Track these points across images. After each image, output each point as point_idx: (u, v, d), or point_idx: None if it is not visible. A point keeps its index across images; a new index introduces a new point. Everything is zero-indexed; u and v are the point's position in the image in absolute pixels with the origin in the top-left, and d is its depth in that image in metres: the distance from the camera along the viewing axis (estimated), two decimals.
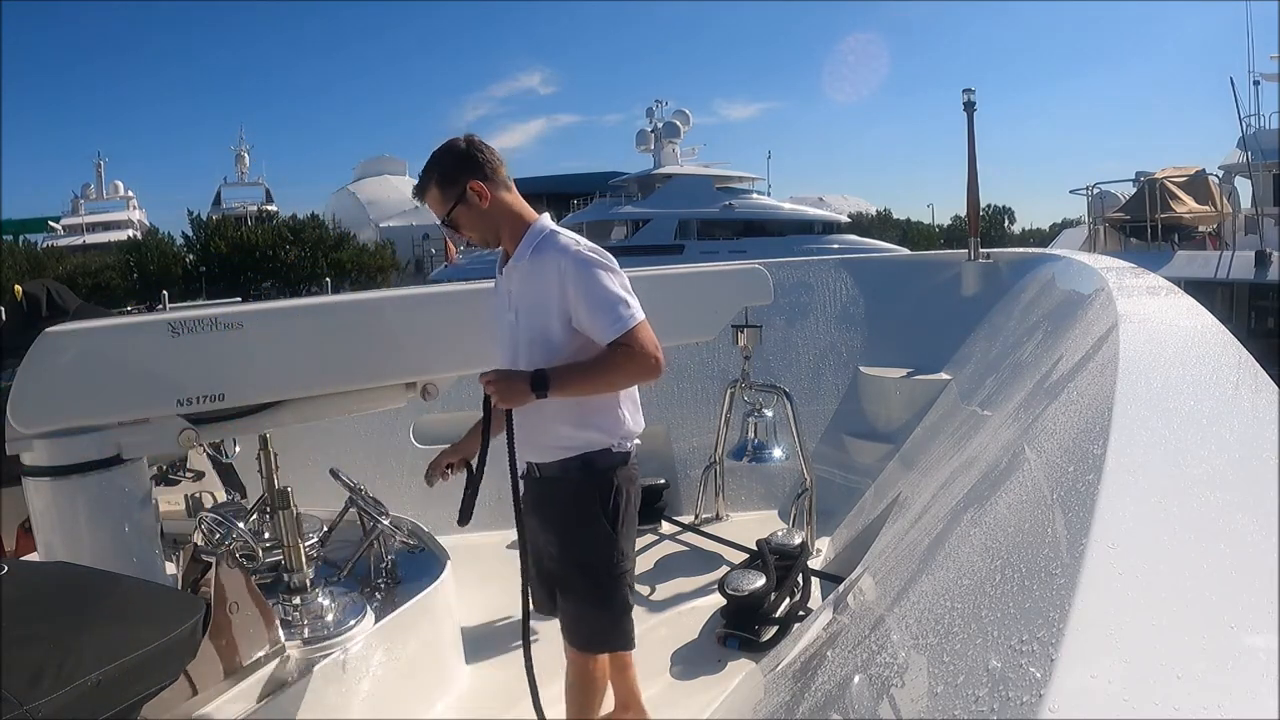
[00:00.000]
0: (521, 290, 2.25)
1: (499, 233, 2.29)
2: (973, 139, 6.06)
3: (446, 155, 2.24)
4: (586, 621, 2.35)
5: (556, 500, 2.29)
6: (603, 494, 2.25)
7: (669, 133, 42.94)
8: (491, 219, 2.26)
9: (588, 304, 2.13)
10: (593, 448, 2.25)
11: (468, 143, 2.26)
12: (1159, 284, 3.49)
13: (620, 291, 2.16)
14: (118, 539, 2.42)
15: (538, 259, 2.21)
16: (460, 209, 2.24)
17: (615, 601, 2.31)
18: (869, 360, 5.45)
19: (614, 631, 2.34)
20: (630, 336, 2.11)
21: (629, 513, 2.31)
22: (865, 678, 1.26)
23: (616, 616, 2.33)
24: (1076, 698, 0.70)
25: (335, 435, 4.44)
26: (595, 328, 2.13)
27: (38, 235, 51.51)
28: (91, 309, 4.05)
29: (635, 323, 2.13)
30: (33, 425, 2.30)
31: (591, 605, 2.32)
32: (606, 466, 2.27)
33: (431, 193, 2.26)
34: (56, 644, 1.45)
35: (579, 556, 2.29)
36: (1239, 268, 15.95)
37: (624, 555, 2.30)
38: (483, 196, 2.22)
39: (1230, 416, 1.41)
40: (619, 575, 2.29)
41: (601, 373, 2.15)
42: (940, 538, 1.68)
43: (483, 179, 2.23)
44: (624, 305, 2.14)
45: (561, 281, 2.14)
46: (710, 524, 4.60)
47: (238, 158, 63.10)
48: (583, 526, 2.26)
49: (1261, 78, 22.33)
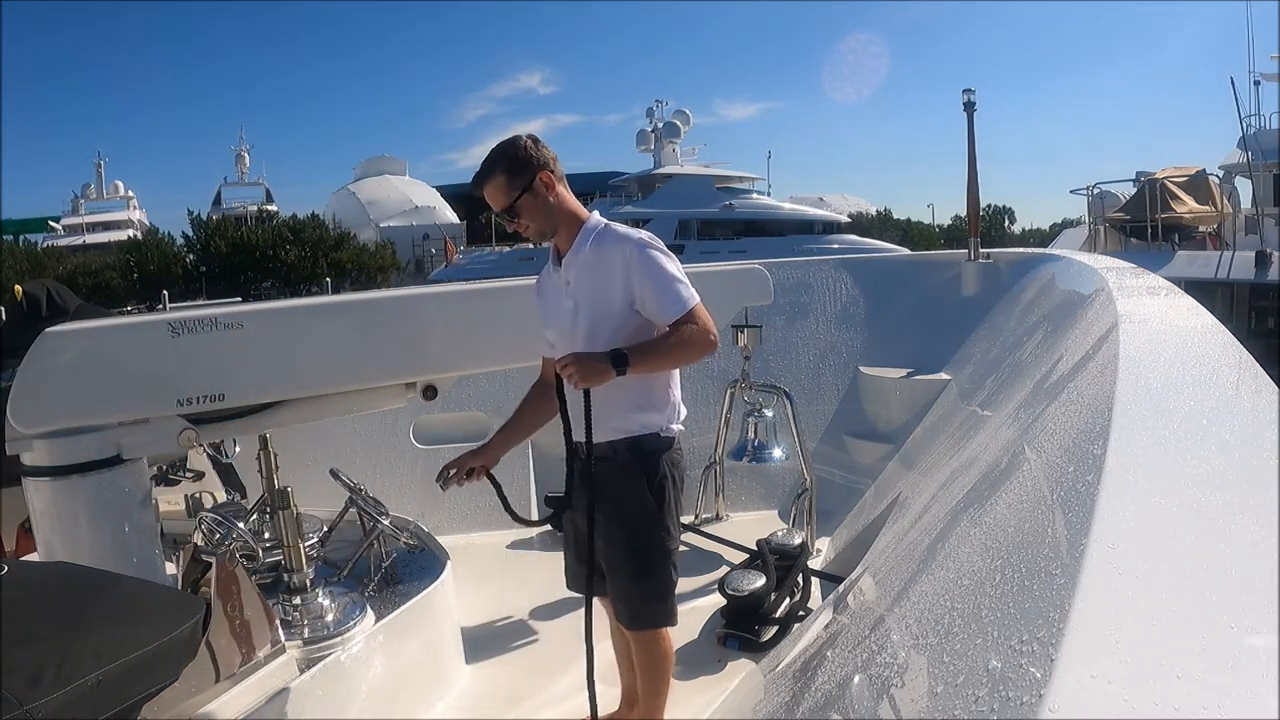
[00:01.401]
0: (582, 278, 2.36)
1: (557, 225, 2.38)
2: (973, 139, 6.06)
3: (514, 147, 2.33)
4: (632, 597, 2.44)
5: (602, 477, 2.34)
6: (650, 475, 2.36)
7: (669, 133, 42.95)
8: (553, 211, 2.35)
9: (654, 286, 2.27)
10: (645, 431, 2.36)
11: (532, 140, 2.35)
12: (1159, 284, 3.49)
13: (678, 273, 2.31)
14: (118, 539, 2.42)
15: (599, 248, 2.33)
16: (526, 198, 2.31)
17: (659, 578, 2.40)
18: (869, 360, 5.45)
19: (660, 606, 2.43)
20: (691, 315, 2.27)
21: (675, 494, 2.41)
22: (865, 678, 1.26)
23: (662, 592, 2.41)
24: (1076, 698, 0.70)
25: (335, 435, 4.45)
26: (659, 308, 2.27)
27: (38, 235, 51.44)
28: (91, 309, 4.06)
29: (695, 302, 2.28)
30: (33, 425, 2.31)
31: (635, 582, 2.41)
32: (654, 449, 2.38)
33: (497, 180, 2.31)
34: (56, 644, 1.45)
35: (625, 536, 2.37)
36: (1239, 268, 15.95)
37: (669, 535, 2.40)
38: (550, 188, 2.33)
39: (1230, 416, 1.41)
40: (666, 554, 2.39)
41: (671, 349, 2.27)
42: (940, 538, 1.68)
43: (550, 171, 2.33)
44: (685, 286, 2.29)
45: (626, 267, 2.27)
46: (710, 524, 4.60)
47: (238, 158, 63.01)
48: (629, 504, 2.35)
49: (1261, 78, 22.34)
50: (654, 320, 2.29)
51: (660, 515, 2.37)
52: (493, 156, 2.33)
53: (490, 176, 2.31)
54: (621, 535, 2.37)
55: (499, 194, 2.32)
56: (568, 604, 3.66)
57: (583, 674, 2.32)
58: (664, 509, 2.37)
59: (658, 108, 43.90)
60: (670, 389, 2.42)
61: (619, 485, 2.35)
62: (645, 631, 2.47)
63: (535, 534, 4.51)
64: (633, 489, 2.35)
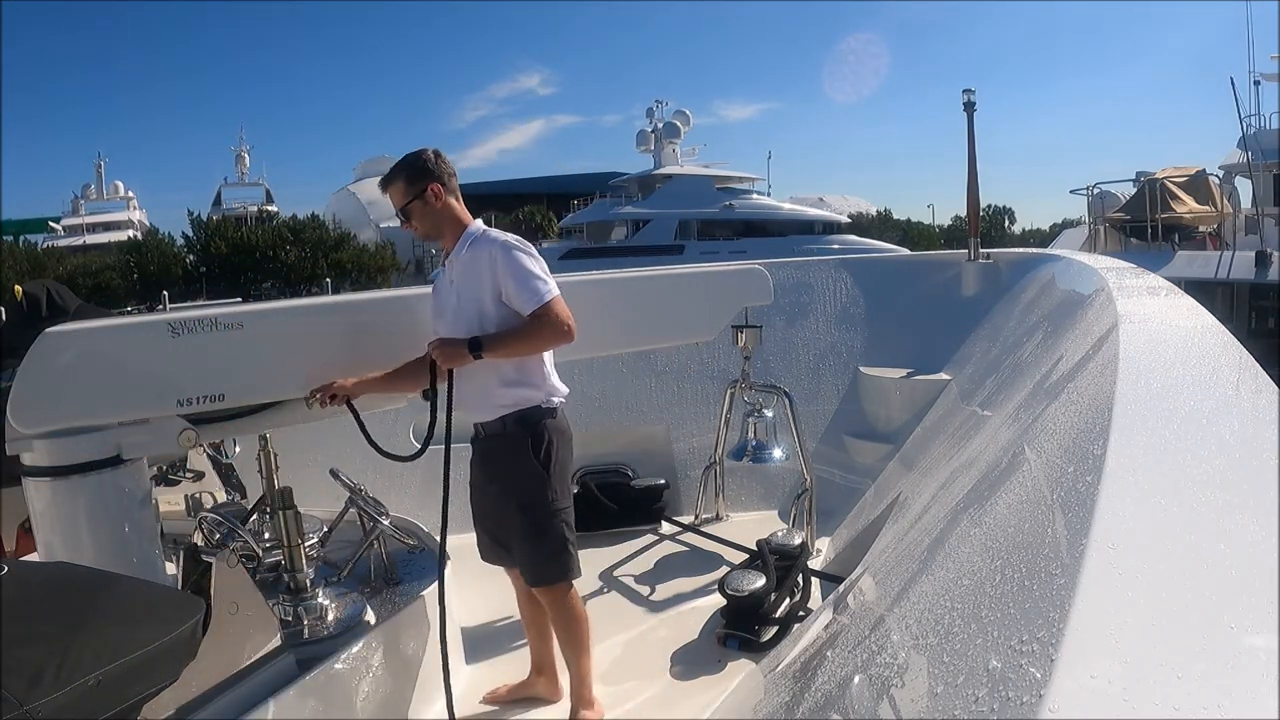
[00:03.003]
0: (460, 277, 2.69)
1: (442, 230, 2.76)
2: (973, 139, 6.06)
3: (417, 159, 2.73)
4: (530, 556, 2.71)
5: (497, 451, 2.72)
6: (535, 442, 2.66)
7: (669, 133, 42.97)
8: (439, 217, 2.74)
9: (514, 280, 2.58)
10: (525, 405, 2.67)
11: (435, 154, 2.74)
12: (1159, 284, 3.49)
13: (539, 271, 2.61)
14: (118, 539, 2.42)
15: (474, 251, 2.68)
16: (417, 203, 2.70)
17: (551, 536, 2.68)
18: (869, 360, 5.45)
19: (556, 563, 2.70)
20: (547, 308, 2.56)
21: (559, 457, 2.70)
22: (865, 678, 1.26)
23: (556, 550, 2.69)
24: (1076, 698, 0.70)
25: (335, 435, 4.42)
26: (519, 300, 2.58)
27: (38, 235, 51.49)
28: (91, 309, 4.05)
29: (551, 296, 2.58)
30: (33, 425, 2.30)
31: (531, 543, 2.69)
32: (537, 419, 2.68)
33: (397, 185, 2.71)
34: (56, 644, 1.45)
35: (517, 497, 2.68)
36: (1239, 268, 15.95)
37: (558, 495, 2.69)
38: (438, 197, 2.71)
39: (1230, 416, 1.41)
40: (554, 512, 2.68)
41: (524, 336, 2.59)
42: (940, 538, 1.68)
43: (441, 184, 2.71)
44: (542, 282, 2.59)
45: (493, 265, 2.60)
46: (710, 524, 4.60)
47: (238, 158, 63.09)
48: (519, 470, 2.67)
49: (1261, 78, 22.34)
50: (518, 311, 2.58)
51: (547, 477, 2.66)
52: (399, 164, 2.73)
53: (393, 181, 2.72)
54: (514, 502, 2.68)
55: (396, 196, 2.72)
56: None
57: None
58: (550, 471, 2.66)
59: (658, 108, 43.95)
60: (544, 368, 2.71)
61: (509, 458, 2.68)
62: (551, 588, 2.72)
63: None
64: (523, 457, 2.65)
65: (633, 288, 3.80)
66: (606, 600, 3.75)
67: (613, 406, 5.10)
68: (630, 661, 3.22)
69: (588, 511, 4.46)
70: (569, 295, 2.62)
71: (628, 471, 4.79)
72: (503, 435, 2.69)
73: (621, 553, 4.25)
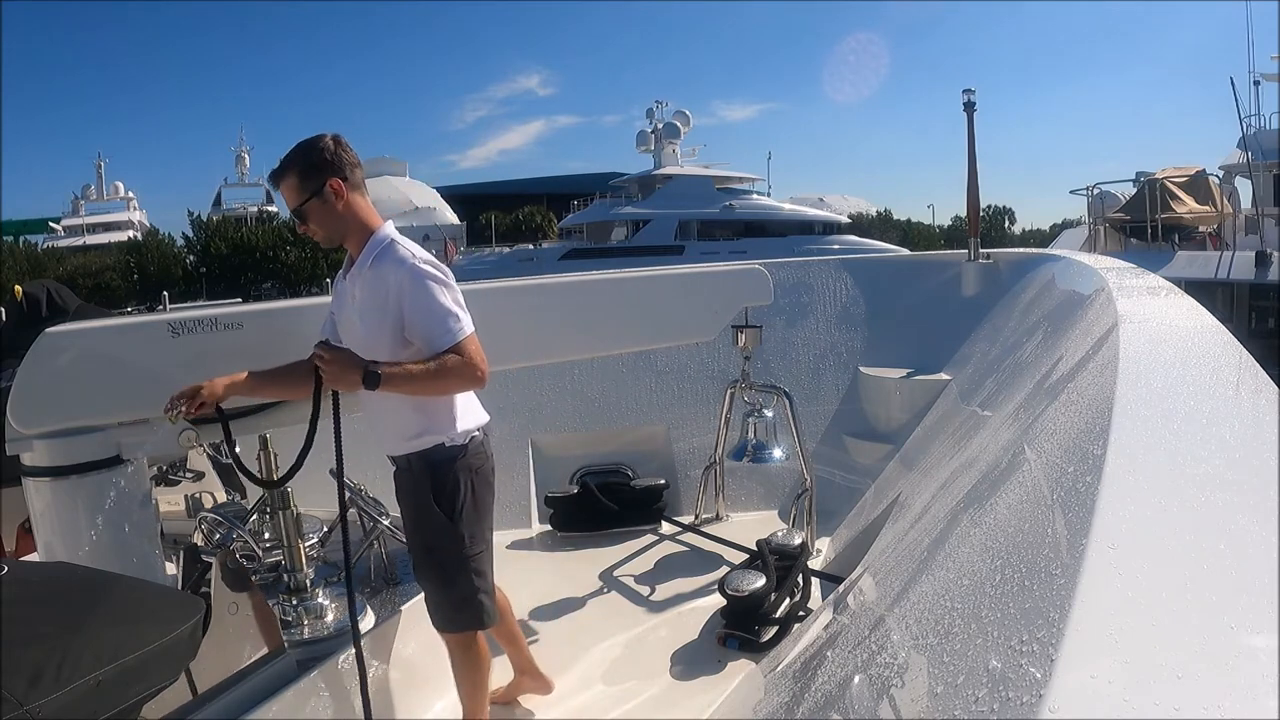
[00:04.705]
0: (362, 296, 2.32)
1: (345, 234, 2.35)
2: (973, 139, 6.06)
3: (311, 149, 2.27)
4: (436, 603, 2.46)
5: (403, 489, 2.44)
6: (436, 485, 2.34)
7: (669, 133, 42.99)
8: (341, 220, 2.32)
9: (421, 317, 2.22)
10: (428, 444, 2.34)
11: (334, 141, 2.30)
12: (1159, 284, 3.48)
13: (451, 305, 2.24)
14: (118, 539, 2.42)
15: (377, 268, 2.28)
16: (314, 203, 2.28)
17: (459, 584, 2.39)
18: (869, 360, 5.45)
19: (463, 612, 2.42)
20: (459, 348, 2.21)
21: (471, 500, 2.37)
22: (865, 678, 1.26)
23: (465, 598, 2.40)
24: (1076, 698, 0.70)
25: None
26: (427, 339, 2.22)
27: (38, 236, 51.57)
28: (91, 309, 4.06)
29: (464, 336, 2.22)
30: (33, 425, 2.31)
31: (436, 588, 2.44)
32: (442, 459, 2.35)
33: (289, 182, 2.28)
34: (56, 644, 1.45)
35: (421, 542, 2.42)
36: (1239, 268, 15.97)
37: (465, 541, 2.37)
38: (339, 195, 2.28)
39: (1230, 416, 1.41)
40: (462, 560, 2.38)
41: (429, 378, 2.21)
42: (940, 538, 1.68)
43: (342, 179, 2.27)
44: (454, 319, 2.23)
45: (399, 294, 2.22)
46: (710, 524, 4.60)
47: (238, 159, 63.13)
48: (421, 515, 2.38)
49: (1261, 78, 22.38)
50: (424, 349, 2.23)
51: (452, 525, 2.35)
52: (290, 155, 2.28)
53: (284, 176, 2.28)
54: (419, 543, 2.42)
55: (289, 195, 2.30)
56: (567, 604, 3.67)
57: (583, 674, 2.32)
58: (455, 518, 2.35)
59: (657, 109, 43.98)
60: (451, 404, 2.36)
61: (411, 499, 2.40)
62: (458, 635, 2.46)
63: (535, 534, 4.52)
64: (423, 500, 2.35)
65: (633, 288, 3.80)
66: (606, 600, 3.75)
67: (613, 406, 5.10)
68: (630, 661, 3.22)
69: (588, 511, 4.48)
70: (569, 295, 2.60)
71: (628, 471, 4.79)
72: (409, 471, 2.40)
73: (621, 553, 4.24)
